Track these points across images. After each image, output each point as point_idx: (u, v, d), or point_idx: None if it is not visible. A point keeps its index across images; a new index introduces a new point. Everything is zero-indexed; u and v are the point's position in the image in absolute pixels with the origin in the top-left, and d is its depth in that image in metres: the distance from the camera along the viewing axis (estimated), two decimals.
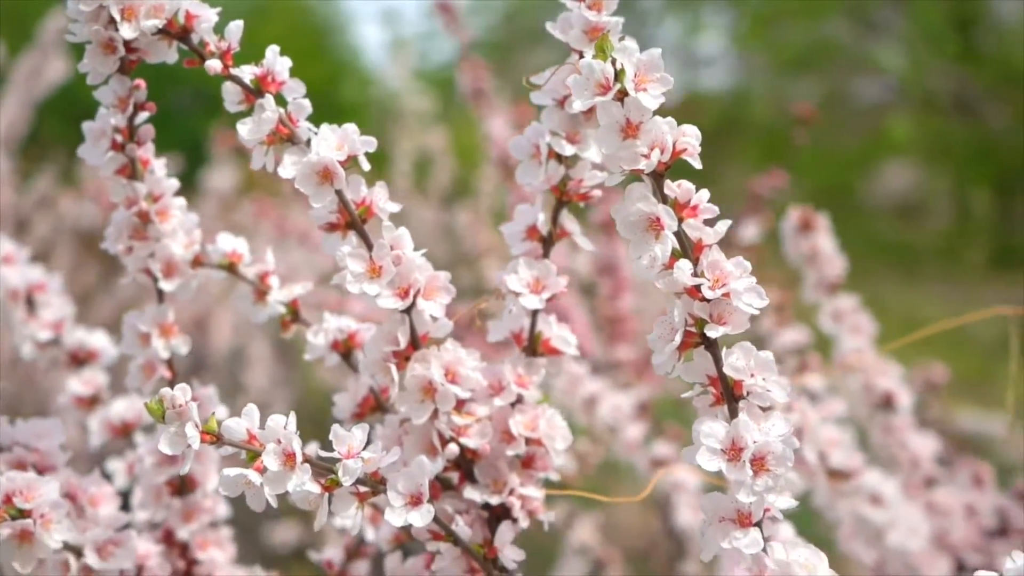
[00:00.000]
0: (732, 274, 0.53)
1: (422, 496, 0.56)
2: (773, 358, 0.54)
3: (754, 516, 0.53)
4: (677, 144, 0.53)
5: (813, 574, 0.53)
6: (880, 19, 4.97)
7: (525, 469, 0.63)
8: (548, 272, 0.62)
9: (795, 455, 0.82)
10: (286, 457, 0.54)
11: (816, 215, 1.02)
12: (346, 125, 0.59)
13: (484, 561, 0.60)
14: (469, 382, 0.61)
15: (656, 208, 0.53)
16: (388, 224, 0.59)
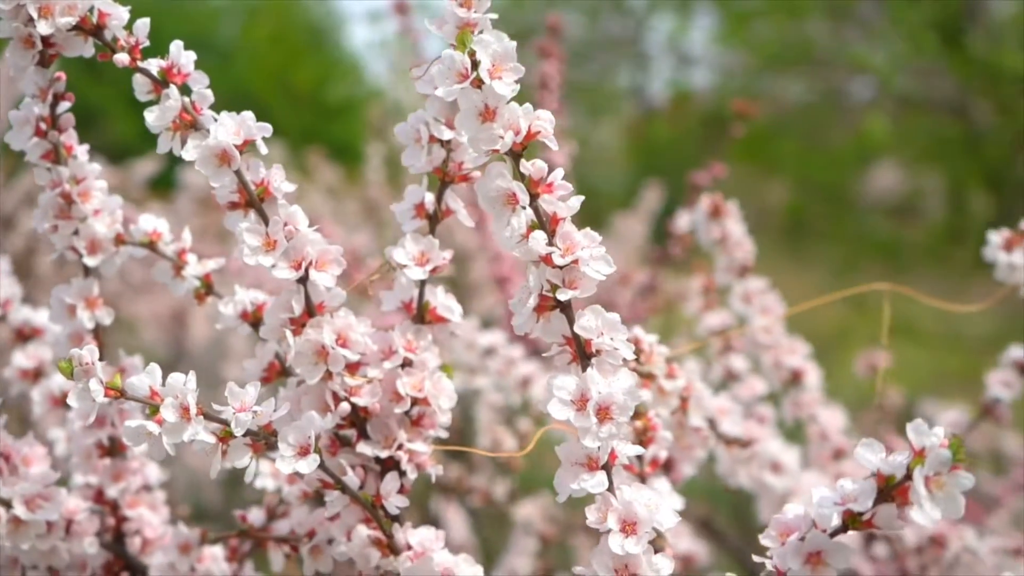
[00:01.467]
0: (581, 244, 0.59)
1: (309, 447, 0.62)
2: (619, 318, 0.60)
3: (600, 460, 0.59)
4: (532, 127, 0.59)
5: (655, 513, 0.59)
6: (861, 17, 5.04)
7: (414, 427, 0.69)
8: (432, 247, 0.68)
9: (696, 429, 0.89)
10: (182, 410, 0.60)
11: (725, 202, 1.08)
12: (244, 112, 0.65)
13: (372, 508, 0.66)
14: (358, 346, 0.67)
15: (512, 184, 0.59)
16: (283, 202, 0.65)
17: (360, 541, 0.68)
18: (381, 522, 0.67)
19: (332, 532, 0.70)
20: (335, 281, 0.66)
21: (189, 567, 0.79)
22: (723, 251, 1.08)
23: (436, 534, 0.68)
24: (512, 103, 0.59)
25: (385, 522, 0.67)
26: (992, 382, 1.08)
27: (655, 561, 0.59)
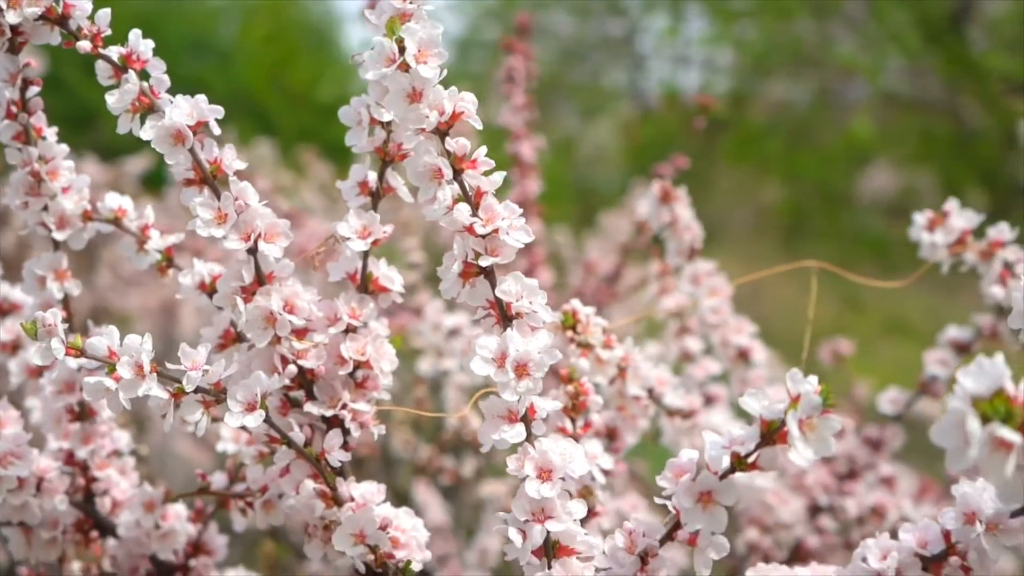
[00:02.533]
0: (502, 215, 0.65)
1: (256, 404, 0.68)
2: (537, 284, 0.65)
3: (519, 413, 0.65)
4: (457, 108, 0.65)
5: (571, 464, 0.64)
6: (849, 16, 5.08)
7: (358, 388, 0.75)
8: (374, 221, 0.73)
9: (633, 397, 0.94)
10: (137, 368, 0.66)
11: (675, 188, 1.13)
12: (198, 96, 0.70)
13: (316, 462, 0.72)
14: (304, 312, 0.72)
15: (437, 160, 0.64)
16: (234, 179, 0.71)
17: (307, 494, 0.73)
18: (325, 475, 0.72)
19: (283, 487, 0.75)
20: (282, 252, 0.72)
21: (153, 524, 0.84)
22: (673, 234, 1.13)
23: (378, 488, 0.74)
24: (438, 86, 0.64)
25: (329, 475, 0.72)
26: (929, 360, 1.14)
27: (569, 505, 0.64)
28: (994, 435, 0.47)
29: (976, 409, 0.48)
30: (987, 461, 0.47)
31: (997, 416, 0.47)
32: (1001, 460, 0.47)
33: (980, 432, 0.47)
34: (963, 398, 0.48)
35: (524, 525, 0.64)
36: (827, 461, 1.21)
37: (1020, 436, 0.47)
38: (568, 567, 0.64)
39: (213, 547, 0.90)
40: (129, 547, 0.86)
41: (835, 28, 5.23)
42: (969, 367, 0.48)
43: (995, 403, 0.48)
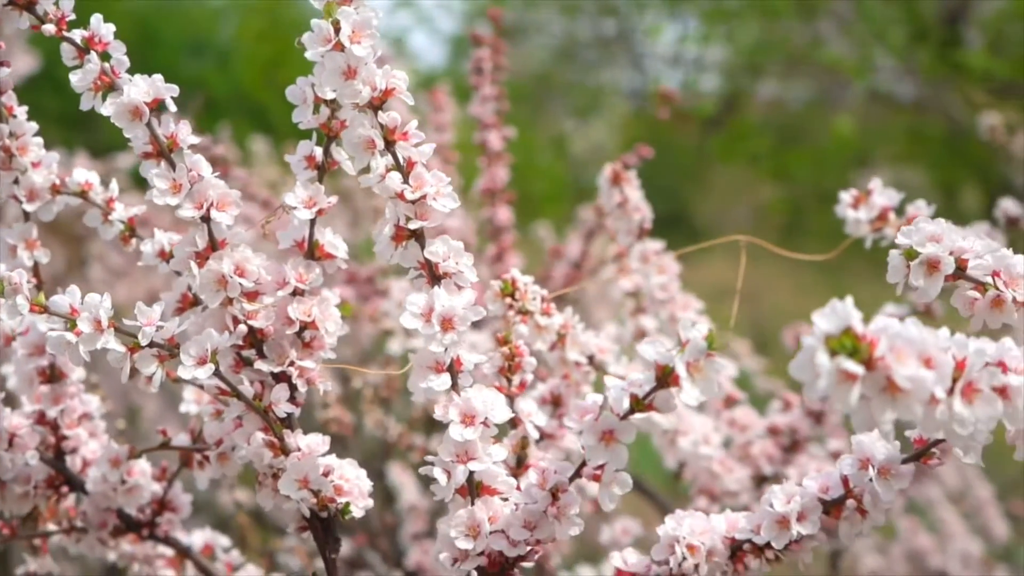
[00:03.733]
0: (430, 183, 0.71)
1: (207, 359, 0.74)
2: (463, 246, 0.71)
3: (444, 364, 0.71)
4: (388, 84, 0.71)
5: (492, 411, 0.70)
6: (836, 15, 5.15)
7: (305, 348, 0.81)
8: (319, 192, 0.79)
9: (574, 363, 0.99)
10: (96, 324, 0.71)
11: (625, 171, 1.19)
12: (155, 75, 0.76)
13: (264, 413, 0.78)
14: (253, 275, 0.78)
15: (371, 132, 0.70)
16: (188, 152, 0.77)
17: (256, 444, 0.79)
18: (273, 426, 0.78)
19: (236, 440, 0.81)
20: (233, 220, 0.78)
21: (119, 479, 0.90)
22: (623, 215, 1.19)
23: (322, 439, 0.79)
24: (371, 64, 0.70)
25: (276, 426, 0.78)
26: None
27: (490, 448, 0.70)
28: (840, 367, 0.53)
29: (827, 346, 0.53)
30: (835, 391, 0.53)
31: (844, 351, 0.53)
32: (847, 390, 0.53)
33: (828, 364, 0.53)
34: (816, 336, 0.54)
35: (449, 465, 0.70)
36: (773, 432, 1.27)
37: (863, 368, 0.53)
38: (490, 505, 0.70)
39: (178, 504, 0.96)
40: (97, 502, 0.92)
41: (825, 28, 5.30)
42: (823, 309, 0.54)
43: (843, 340, 0.53)
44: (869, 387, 0.54)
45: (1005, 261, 0.67)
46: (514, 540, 0.69)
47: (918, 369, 0.54)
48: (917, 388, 0.54)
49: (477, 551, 0.69)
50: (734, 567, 0.80)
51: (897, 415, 0.55)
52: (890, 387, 0.54)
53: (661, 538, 0.79)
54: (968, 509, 2.76)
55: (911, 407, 0.54)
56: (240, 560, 1.04)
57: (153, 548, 1.01)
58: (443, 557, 0.70)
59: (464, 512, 0.70)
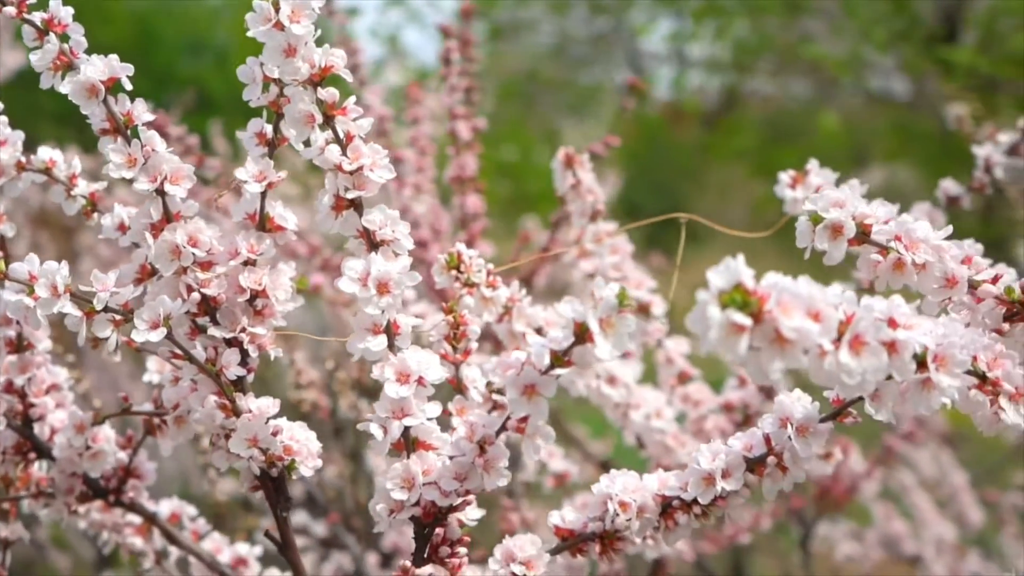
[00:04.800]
0: (367, 154, 0.75)
1: (159, 323, 0.78)
2: (398, 215, 0.75)
3: (380, 326, 0.75)
4: (326, 62, 0.75)
5: (426, 370, 0.74)
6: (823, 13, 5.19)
7: (257, 315, 0.85)
8: (269, 167, 0.83)
9: (521, 334, 1.03)
10: (52, 289, 0.76)
11: (577, 154, 1.23)
12: (111, 55, 0.81)
13: (216, 376, 0.82)
14: (205, 246, 0.82)
15: (310, 107, 0.74)
16: (143, 128, 0.81)
17: (210, 406, 0.83)
18: (225, 388, 0.82)
19: (192, 404, 0.86)
20: (186, 193, 0.82)
21: (84, 445, 0.94)
22: (577, 197, 1.23)
23: (273, 402, 0.84)
24: (310, 43, 0.74)
25: (227, 388, 0.82)
26: None
27: (425, 406, 0.74)
28: (730, 320, 0.57)
29: (719, 300, 0.57)
30: (725, 342, 0.57)
31: (735, 305, 0.57)
32: (736, 341, 0.57)
33: (719, 317, 0.57)
34: (710, 292, 0.58)
35: (385, 421, 0.74)
36: (727, 409, 1.31)
37: (751, 320, 0.57)
38: (424, 459, 0.74)
39: (143, 472, 1.01)
40: (63, 467, 0.96)
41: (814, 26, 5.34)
42: (718, 267, 0.58)
43: (734, 295, 0.57)
44: (759, 338, 0.58)
45: (906, 227, 0.71)
46: (445, 491, 0.73)
47: (803, 321, 0.58)
48: (802, 339, 0.58)
49: (411, 502, 0.74)
50: (664, 523, 0.84)
51: (785, 365, 0.59)
52: (778, 339, 0.58)
53: (595, 495, 0.84)
54: (943, 496, 2.80)
55: (797, 357, 0.59)
56: (207, 528, 1.09)
57: (122, 516, 1.06)
58: (379, 508, 0.75)
59: (400, 465, 0.74)
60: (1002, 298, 0.74)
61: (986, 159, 1.20)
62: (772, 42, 5.03)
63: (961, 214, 1.21)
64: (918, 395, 0.66)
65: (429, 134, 1.92)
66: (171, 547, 1.06)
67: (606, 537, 0.84)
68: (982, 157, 1.20)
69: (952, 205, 1.22)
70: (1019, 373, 0.70)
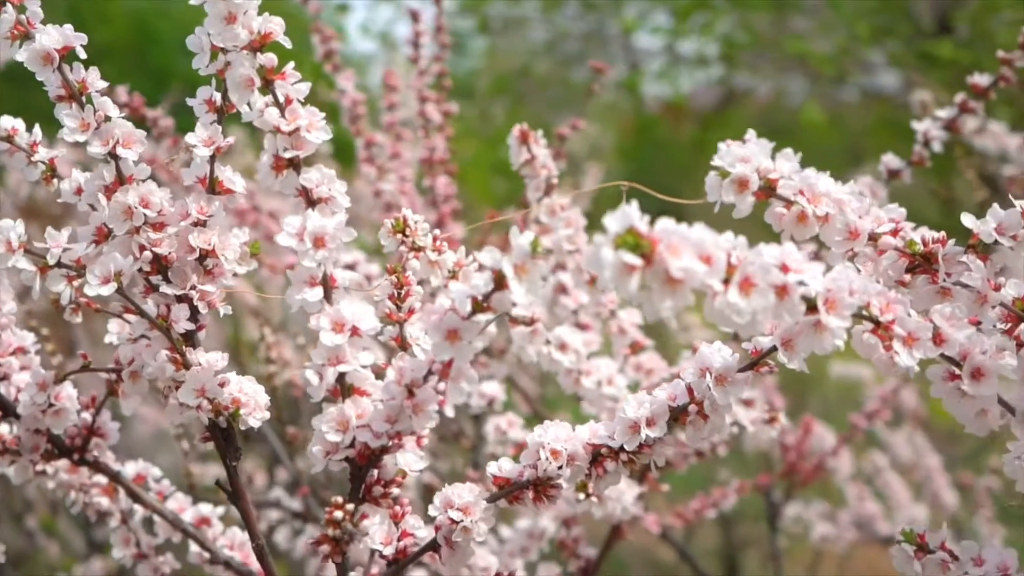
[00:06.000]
0: (304, 116, 0.79)
1: (110, 279, 0.82)
2: (335, 174, 0.80)
3: (317, 278, 0.79)
4: (265, 28, 0.79)
5: (359, 320, 0.79)
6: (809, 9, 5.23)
7: (207, 274, 0.89)
8: (217, 132, 0.87)
9: None
10: (6, 245, 0.80)
11: (532, 131, 1.27)
12: (66, 25, 0.85)
13: (166, 330, 0.86)
14: (156, 207, 0.87)
15: (250, 72, 0.79)
16: (95, 94, 0.85)
17: (161, 359, 0.87)
18: (175, 341, 0.87)
19: (145, 358, 0.90)
20: (137, 156, 0.86)
21: (46, 402, 0.98)
22: (531, 172, 1.28)
23: (221, 356, 0.88)
24: (250, 11, 0.79)
25: (177, 341, 0.87)
26: None
27: (359, 354, 0.79)
28: (621, 260, 0.61)
29: (614, 243, 0.62)
30: (618, 281, 0.62)
31: (627, 247, 0.62)
32: (628, 280, 0.61)
33: (611, 257, 0.61)
34: (606, 235, 0.62)
35: (321, 368, 0.78)
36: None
37: (642, 261, 0.61)
38: (359, 404, 0.79)
39: (106, 431, 1.05)
40: (27, 424, 1.00)
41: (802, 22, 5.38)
42: (614, 213, 0.63)
43: (627, 237, 0.62)
44: (651, 278, 0.63)
45: (809, 181, 0.75)
46: (377, 432, 0.77)
47: (691, 261, 0.62)
48: (690, 278, 0.62)
49: (346, 444, 0.78)
50: (595, 471, 0.88)
51: (675, 304, 0.63)
52: (668, 279, 0.63)
53: (528, 445, 0.88)
54: (918, 479, 2.84)
55: (686, 296, 0.63)
56: (171, 489, 1.13)
57: (89, 477, 1.10)
58: (315, 450, 0.79)
59: (335, 409, 0.79)
60: (904, 251, 0.78)
61: (924, 133, 1.25)
62: (759, 38, 5.07)
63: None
64: (811, 337, 0.70)
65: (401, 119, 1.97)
66: (136, 506, 1.11)
67: (539, 484, 0.88)
68: (920, 132, 1.25)
69: (893, 178, 1.27)
70: (914, 320, 0.74)
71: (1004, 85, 1.20)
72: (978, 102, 1.22)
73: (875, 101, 5.55)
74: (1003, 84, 1.20)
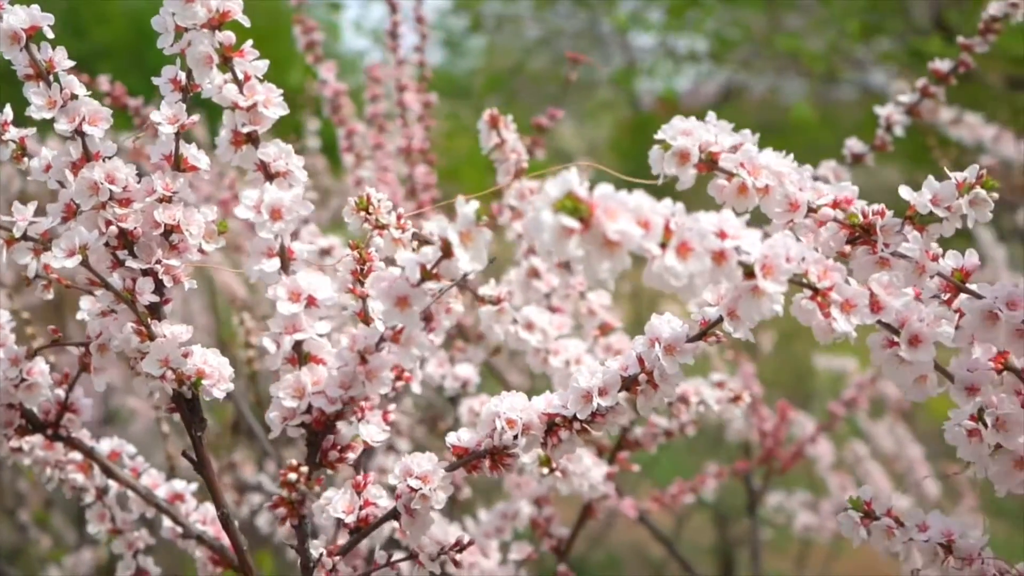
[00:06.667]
0: (261, 92, 0.82)
1: (75, 251, 0.85)
2: (293, 149, 0.82)
3: (274, 249, 0.81)
4: (223, 7, 0.81)
5: (316, 290, 0.81)
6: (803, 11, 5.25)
7: (172, 249, 0.92)
8: (181, 110, 0.90)
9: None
10: None
11: (501, 115, 1.30)
12: (33, 5, 0.87)
13: (130, 303, 0.88)
14: (122, 183, 0.89)
15: (208, 49, 0.81)
16: (63, 73, 0.88)
17: (127, 331, 0.90)
18: (140, 314, 0.89)
19: (112, 331, 0.92)
20: (104, 134, 0.89)
21: (19, 376, 1.00)
22: (501, 155, 1.30)
23: (186, 328, 0.90)
24: None
25: (142, 314, 0.89)
26: None
27: (316, 323, 0.81)
28: (560, 223, 0.64)
29: (553, 207, 0.64)
30: (557, 244, 0.64)
31: (565, 211, 0.64)
32: (566, 242, 0.64)
33: (550, 220, 0.64)
34: (546, 200, 0.64)
35: (277, 337, 0.81)
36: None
37: (579, 224, 0.64)
38: (315, 371, 0.81)
39: (79, 407, 1.07)
40: (1, 399, 1.02)
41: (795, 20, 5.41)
42: (554, 179, 0.65)
43: (565, 202, 0.64)
44: (589, 241, 0.65)
45: (749, 154, 0.78)
46: (331, 398, 0.80)
47: (627, 225, 0.65)
48: (627, 241, 0.65)
49: (302, 410, 0.80)
50: (550, 439, 0.91)
51: (612, 265, 0.66)
52: (606, 242, 0.65)
53: (484, 415, 0.90)
54: (900, 469, 2.86)
55: (623, 259, 0.65)
56: (145, 466, 1.15)
57: (64, 454, 1.12)
58: (272, 416, 0.81)
59: (291, 376, 0.81)
60: (843, 222, 0.81)
61: (887, 118, 1.27)
62: (750, 34, 5.09)
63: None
64: (750, 302, 0.72)
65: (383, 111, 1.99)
66: (111, 483, 1.13)
67: (495, 453, 0.90)
68: (883, 116, 1.27)
69: (856, 162, 1.29)
70: (852, 287, 0.76)
71: (963, 70, 1.22)
72: (939, 87, 1.25)
73: (867, 97, 5.59)
74: (963, 69, 1.22)
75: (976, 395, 0.82)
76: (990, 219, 0.78)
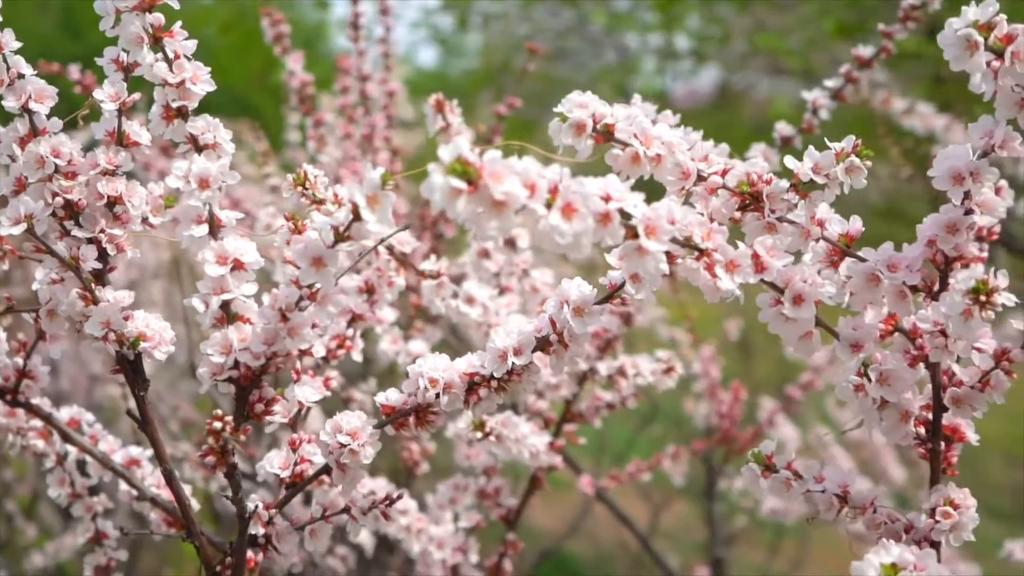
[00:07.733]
0: (189, 69, 0.87)
1: (21, 220, 0.91)
2: (220, 123, 0.88)
3: (203, 217, 0.87)
4: None
5: (242, 254, 0.87)
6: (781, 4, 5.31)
7: (116, 220, 0.97)
8: (123, 89, 0.96)
9: (375, 252, 1.15)
10: None
11: (447, 101, 1.35)
12: None
13: (75, 269, 0.94)
14: (66, 156, 0.95)
15: (139, 30, 0.87)
16: (10, 54, 0.93)
17: (73, 297, 0.96)
18: (84, 280, 0.95)
19: (59, 296, 0.98)
20: (48, 110, 0.94)
21: None
22: (445, 139, 1.36)
23: (128, 294, 0.96)
24: None
25: (87, 280, 0.95)
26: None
27: (243, 286, 0.87)
28: (450, 184, 0.69)
29: (444, 170, 0.70)
30: (448, 203, 0.70)
31: (455, 174, 0.70)
32: (455, 202, 0.70)
33: (441, 181, 0.69)
34: (438, 164, 0.70)
35: (206, 297, 0.86)
36: (594, 336, 1.44)
37: (467, 185, 0.69)
38: (242, 330, 0.87)
39: (37, 374, 1.13)
40: None
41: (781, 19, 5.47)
42: (448, 145, 0.71)
43: (455, 165, 0.70)
44: (477, 202, 0.71)
45: (642, 126, 0.83)
46: (256, 353, 0.85)
47: (513, 187, 0.70)
48: (512, 201, 0.71)
49: (229, 365, 0.86)
50: (469, 398, 0.96)
51: (500, 224, 0.71)
52: (493, 202, 0.71)
53: (409, 375, 0.96)
54: (867, 455, 2.92)
55: (510, 218, 0.71)
56: (103, 433, 1.21)
57: (26, 422, 1.18)
58: (202, 372, 0.87)
59: (219, 334, 0.87)
60: (734, 190, 0.87)
61: (813, 102, 1.33)
62: (728, 32, 5.15)
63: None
64: (635, 260, 0.78)
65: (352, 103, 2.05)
66: (70, 448, 1.19)
67: (420, 411, 0.96)
68: (810, 100, 1.33)
69: (786, 145, 1.35)
70: (741, 250, 0.82)
71: (884, 56, 1.28)
72: (862, 72, 1.31)
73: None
74: (883, 55, 1.28)
75: (860, 352, 0.88)
76: (864, 186, 0.84)
